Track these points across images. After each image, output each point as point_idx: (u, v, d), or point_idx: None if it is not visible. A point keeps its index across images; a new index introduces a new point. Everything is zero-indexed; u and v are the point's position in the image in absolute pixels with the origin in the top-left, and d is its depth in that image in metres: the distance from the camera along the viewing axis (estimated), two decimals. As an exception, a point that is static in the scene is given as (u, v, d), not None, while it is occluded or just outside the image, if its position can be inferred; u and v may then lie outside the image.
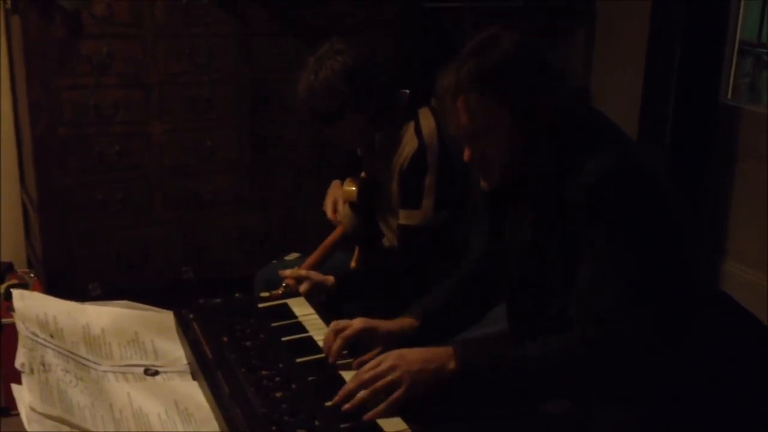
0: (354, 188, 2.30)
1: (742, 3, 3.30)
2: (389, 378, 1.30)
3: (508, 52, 1.38)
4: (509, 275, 1.56)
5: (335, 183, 2.43)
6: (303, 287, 1.94)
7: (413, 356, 1.33)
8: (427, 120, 2.11)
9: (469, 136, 1.43)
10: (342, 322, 1.52)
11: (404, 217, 2.09)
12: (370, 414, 1.28)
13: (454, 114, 1.42)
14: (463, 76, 1.38)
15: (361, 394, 1.30)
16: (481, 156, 1.44)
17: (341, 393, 1.32)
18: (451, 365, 1.32)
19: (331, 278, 2.01)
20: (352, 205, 2.30)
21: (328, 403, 1.31)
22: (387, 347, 1.51)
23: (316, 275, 2.01)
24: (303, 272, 2.01)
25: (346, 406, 1.30)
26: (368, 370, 1.33)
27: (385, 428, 1.26)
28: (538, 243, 1.46)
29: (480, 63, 1.38)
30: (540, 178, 1.44)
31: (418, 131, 2.09)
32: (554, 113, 1.40)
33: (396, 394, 1.29)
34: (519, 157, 1.43)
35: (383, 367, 1.32)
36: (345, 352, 1.49)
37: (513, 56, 1.38)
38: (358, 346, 1.52)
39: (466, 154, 1.46)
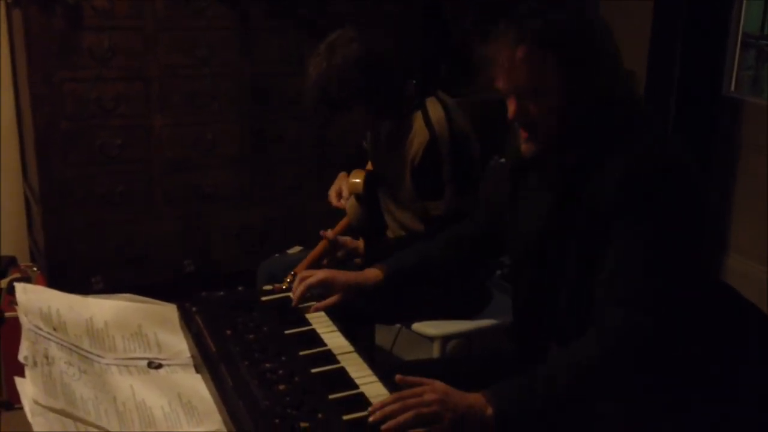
0: (359, 180, 2.30)
1: (745, -5, 3.29)
2: (434, 408, 1.26)
3: (575, 17, 1.36)
4: (521, 253, 1.56)
5: (342, 174, 2.43)
6: (339, 253, 2.12)
7: (457, 398, 1.29)
8: (435, 110, 2.11)
9: (520, 92, 1.39)
10: (308, 272, 1.69)
11: (432, 209, 2.11)
12: None
13: (508, 67, 1.38)
14: (529, 29, 1.35)
15: (403, 415, 1.24)
16: (527, 114, 1.41)
17: (376, 407, 1.26)
18: (489, 411, 1.28)
19: (361, 244, 2.12)
20: (358, 196, 2.30)
21: (336, 395, 1.31)
22: (346, 296, 1.65)
23: (351, 241, 2.15)
24: (339, 238, 2.16)
25: (389, 424, 1.23)
26: (411, 396, 1.27)
27: (388, 421, 1.26)
28: (556, 223, 1.45)
29: (548, 20, 1.35)
30: (575, 153, 1.42)
31: (427, 121, 2.09)
32: (605, 87, 1.38)
33: (439, 426, 1.25)
34: (563, 124, 1.40)
35: (428, 397, 1.27)
36: (310, 304, 1.64)
37: (579, 21, 1.36)
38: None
39: (511, 111, 1.41)
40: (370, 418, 1.24)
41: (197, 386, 1.37)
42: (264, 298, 1.70)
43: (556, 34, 1.35)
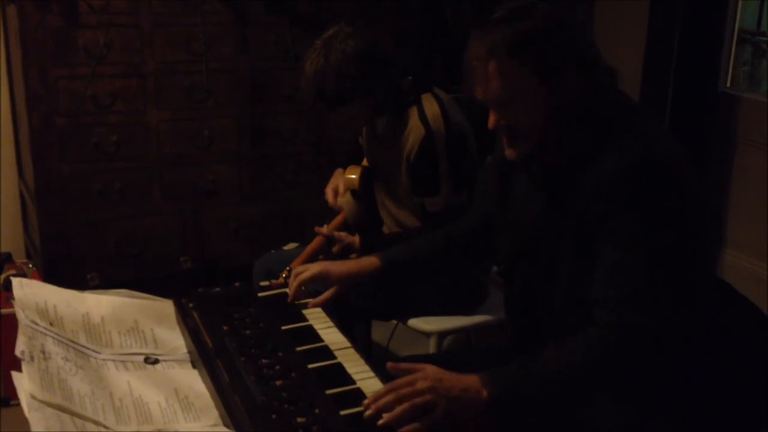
0: (355, 176, 2.30)
1: (742, -9, 3.29)
2: (428, 397, 1.26)
3: (545, 22, 1.36)
4: (511, 254, 1.56)
5: (338, 171, 2.43)
6: (335, 248, 2.08)
7: (450, 382, 1.29)
8: (431, 106, 2.11)
9: (497, 103, 1.40)
10: (301, 267, 1.67)
11: (427, 205, 2.11)
12: (405, 429, 1.23)
13: (483, 79, 1.39)
14: (498, 40, 1.35)
15: (399, 408, 1.24)
16: (507, 124, 1.41)
17: (371, 401, 1.26)
18: (484, 394, 1.28)
19: (357, 240, 2.10)
20: (354, 192, 2.30)
21: (333, 390, 1.31)
22: (342, 288, 1.65)
23: (346, 236, 2.12)
24: (335, 233, 2.13)
25: (386, 418, 1.23)
26: (405, 386, 1.28)
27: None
28: (547, 224, 1.45)
29: (516, 29, 1.35)
30: (564, 154, 1.42)
31: (422, 117, 2.09)
32: (586, 88, 1.38)
33: (434, 415, 1.25)
34: (546, 129, 1.40)
35: (420, 386, 1.27)
36: (303, 288, 1.65)
37: (550, 26, 1.36)
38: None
39: (491, 121, 1.42)
40: (365, 413, 1.25)
41: (194, 382, 1.37)
42: (261, 294, 1.70)
43: (525, 41, 1.35)
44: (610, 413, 1.40)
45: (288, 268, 1.90)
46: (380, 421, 1.24)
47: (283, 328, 1.54)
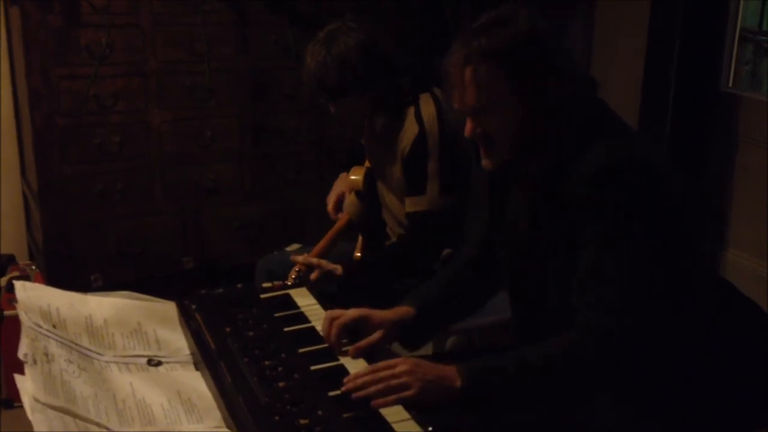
0: (359, 177, 2.30)
1: (743, -10, 3.29)
2: (404, 379, 1.31)
3: (521, 31, 1.37)
4: (508, 260, 1.56)
5: (342, 175, 2.42)
6: (313, 276, 1.99)
7: (428, 368, 1.34)
8: (427, 105, 2.11)
9: (473, 111, 1.41)
10: (336, 311, 1.53)
11: (410, 204, 2.10)
12: (377, 401, 1.28)
13: (460, 87, 1.40)
14: (475, 48, 1.36)
15: (374, 387, 1.30)
16: (483, 132, 1.43)
17: (350, 378, 1.33)
18: (458, 383, 1.33)
19: (339, 268, 2.02)
20: (358, 193, 2.30)
21: (336, 392, 1.32)
22: (385, 334, 1.55)
23: (326, 264, 2.03)
24: (314, 260, 2.03)
25: (358, 393, 1.30)
26: (384, 369, 1.33)
27: (387, 418, 1.26)
28: (536, 230, 1.46)
29: (493, 38, 1.36)
30: (540, 163, 1.44)
31: (418, 116, 2.09)
32: (561, 98, 1.39)
33: (406, 393, 1.30)
34: (521, 138, 1.41)
35: (399, 369, 1.33)
36: (345, 340, 1.50)
37: (526, 36, 1.37)
38: (358, 334, 1.53)
39: (468, 129, 1.44)
40: (343, 388, 1.31)
41: (197, 383, 1.37)
42: (263, 296, 1.70)
43: (502, 49, 1.36)
44: (609, 413, 1.41)
45: (297, 268, 1.90)
46: (354, 395, 1.29)
47: (286, 329, 1.55)
